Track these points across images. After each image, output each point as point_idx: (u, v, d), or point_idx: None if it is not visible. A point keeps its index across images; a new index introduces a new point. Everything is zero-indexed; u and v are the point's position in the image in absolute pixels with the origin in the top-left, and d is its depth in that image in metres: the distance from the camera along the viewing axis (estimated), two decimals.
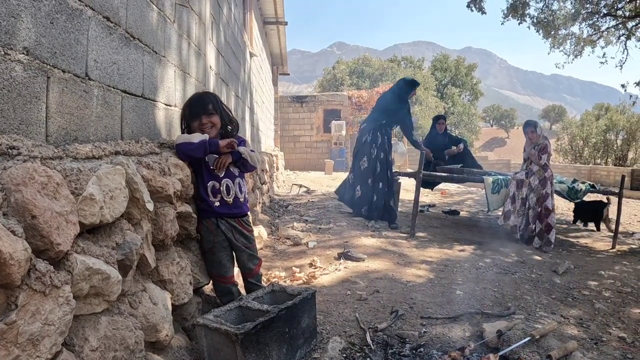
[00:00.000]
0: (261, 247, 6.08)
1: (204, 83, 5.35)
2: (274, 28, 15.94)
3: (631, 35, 18.11)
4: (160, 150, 3.23)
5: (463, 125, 44.13)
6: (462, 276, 5.03)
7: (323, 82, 45.43)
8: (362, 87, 36.46)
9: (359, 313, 3.81)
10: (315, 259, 5.38)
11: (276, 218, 8.65)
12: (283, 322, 2.83)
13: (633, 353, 3.26)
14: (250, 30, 10.87)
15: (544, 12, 18.06)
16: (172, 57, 4.13)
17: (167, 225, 2.79)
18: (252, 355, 2.57)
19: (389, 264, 5.33)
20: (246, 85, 9.60)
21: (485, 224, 8.68)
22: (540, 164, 7.06)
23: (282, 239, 6.61)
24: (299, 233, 6.89)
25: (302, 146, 25.16)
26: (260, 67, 13.03)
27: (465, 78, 48.41)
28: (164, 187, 2.73)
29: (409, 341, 3.34)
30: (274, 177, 13.07)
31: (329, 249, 5.93)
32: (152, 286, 2.60)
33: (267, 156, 11.36)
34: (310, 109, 25.07)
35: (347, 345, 3.24)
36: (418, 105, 37.36)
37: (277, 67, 20.71)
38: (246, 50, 9.79)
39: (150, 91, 3.57)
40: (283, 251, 6.04)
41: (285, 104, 24.74)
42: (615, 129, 33.47)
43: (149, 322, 2.40)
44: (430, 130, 10.07)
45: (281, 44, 17.72)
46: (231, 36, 7.58)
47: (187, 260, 3.19)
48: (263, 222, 7.61)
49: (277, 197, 11.79)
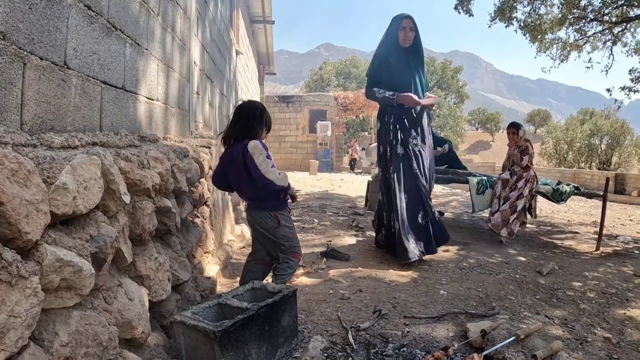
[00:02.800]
0: (243, 245, 6.01)
1: (187, 78, 5.29)
2: (261, 27, 15.89)
3: (617, 41, 18.22)
4: (140, 144, 3.17)
5: (449, 128, 44.26)
6: (446, 276, 4.99)
7: (310, 82, 45.48)
8: (349, 88, 36.48)
9: (341, 312, 3.76)
10: None
11: None
12: (263, 320, 2.77)
13: (618, 353, 3.24)
14: (237, 28, 10.82)
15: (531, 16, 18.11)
16: (155, 50, 4.06)
17: (145, 219, 2.72)
18: (231, 354, 2.51)
19: (373, 263, 5.29)
20: (231, 82, 9.54)
21: (470, 224, 8.66)
22: (522, 165, 7.05)
23: None
24: None
25: (287, 146, 25.14)
26: (246, 66, 12.98)
27: (451, 81, 48.61)
28: (142, 180, 2.66)
29: (392, 341, 3.29)
30: None
31: (312, 247, 5.88)
32: (128, 281, 2.53)
33: None
34: (296, 109, 25.06)
35: (328, 345, 3.18)
36: None
37: (264, 66, 20.67)
38: (232, 47, 9.73)
39: (132, 83, 3.50)
40: None
41: (272, 104, 24.70)
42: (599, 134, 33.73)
43: (124, 318, 2.33)
44: None
45: (268, 43, 17.68)
46: (217, 33, 7.51)
47: (166, 256, 3.12)
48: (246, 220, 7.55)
49: None
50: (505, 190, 7.11)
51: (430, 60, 49.54)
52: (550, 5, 17.72)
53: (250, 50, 14.60)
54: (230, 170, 3.80)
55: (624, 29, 18.00)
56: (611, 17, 17.38)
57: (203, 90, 6.26)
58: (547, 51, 19.12)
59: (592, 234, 8.34)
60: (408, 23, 5.78)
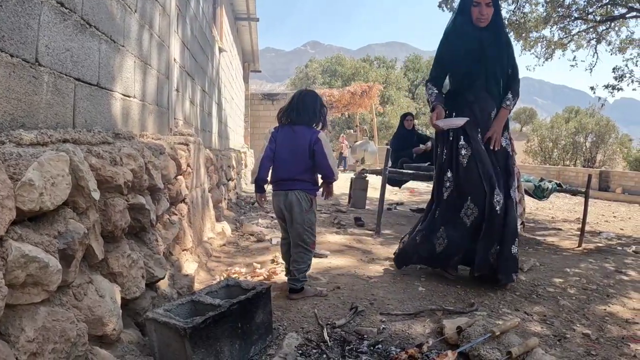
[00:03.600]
0: (224, 243, 6.01)
1: (167, 75, 5.27)
2: (245, 24, 15.83)
3: (601, 39, 18.32)
4: (114, 141, 3.16)
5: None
6: (425, 273, 5.00)
7: (295, 80, 45.46)
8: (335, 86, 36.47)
9: (318, 309, 3.76)
10: (277, 255, 5.32)
11: (242, 214, 8.58)
12: (235, 317, 2.77)
13: (597, 349, 3.26)
14: (221, 25, 10.79)
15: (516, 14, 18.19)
16: (132, 47, 4.05)
17: (117, 216, 2.72)
18: (202, 351, 2.50)
19: (353, 260, 5.30)
20: (214, 80, 9.51)
21: None
22: None
23: (245, 235, 6.55)
24: (263, 229, 6.84)
25: None
26: (230, 63, 12.94)
27: None
28: (113, 177, 2.65)
29: (367, 338, 3.30)
30: (242, 174, 12.99)
31: None
32: (99, 278, 2.52)
33: (235, 153, 11.29)
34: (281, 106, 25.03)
35: (303, 342, 3.18)
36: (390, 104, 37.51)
37: (249, 64, 20.59)
38: (215, 45, 9.70)
39: (107, 80, 3.49)
40: (246, 247, 5.98)
41: (257, 102, 24.61)
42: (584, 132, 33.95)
43: (94, 315, 2.32)
44: (398, 127, 10.07)
45: (253, 40, 17.61)
46: (199, 30, 7.50)
47: (140, 253, 3.11)
48: (228, 218, 7.54)
49: (245, 193, 11.72)
50: None
51: (415, 58, 49.70)
52: (535, 4, 17.80)
53: (234, 48, 14.54)
54: (284, 148, 4.12)
55: (608, 27, 18.11)
56: (595, 15, 17.49)
57: (183, 87, 6.23)
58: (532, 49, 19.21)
59: (575, 230, 8.40)
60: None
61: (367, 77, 39.66)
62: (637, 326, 3.78)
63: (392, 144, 9.93)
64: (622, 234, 9.28)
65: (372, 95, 25.48)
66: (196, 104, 7.30)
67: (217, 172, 7.48)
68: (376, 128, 29.10)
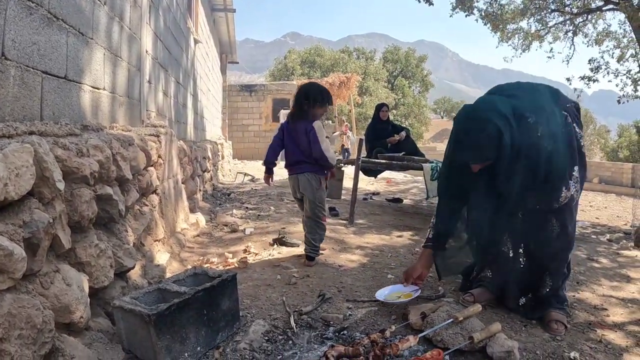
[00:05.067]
0: (198, 234, 6.05)
1: (138, 68, 5.30)
2: (222, 15, 15.81)
3: (578, 32, 18.51)
4: (81, 132, 3.20)
5: (413, 116, 44.54)
6: (397, 261, 5.08)
7: (274, 71, 45.31)
8: (313, 77, 36.43)
9: (286, 297, 3.83)
10: (250, 244, 5.40)
11: (217, 206, 8.61)
12: (201, 304, 2.82)
13: (562, 334, 3.33)
14: (196, 16, 10.77)
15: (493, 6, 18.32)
16: (101, 39, 4.08)
17: (83, 206, 2.77)
18: (167, 337, 2.56)
19: (324, 249, 5.36)
20: (189, 71, 9.52)
21: (428, 211, 8.79)
22: None
23: (220, 226, 6.60)
24: (237, 220, 6.89)
25: (250, 135, 25.07)
26: (206, 55, 12.92)
27: (416, 70, 48.82)
28: (79, 168, 2.70)
29: (333, 324, 3.37)
30: (219, 166, 13.00)
31: (265, 235, 5.94)
32: (66, 267, 2.58)
33: (211, 144, 11.29)
34: (259, 98, 24.99)
35: (270, 328, 3.25)
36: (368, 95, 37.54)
37: (226, 55, 20.53)
38: (190, 36, 9.70)
39: (75, 73, 3.53)
40: (220, 238, 6.03)
41: (234, 93, 24.58)
42: None
43: (61, 303, 2.38)
44: (373, 118, 10.12)
45: (230, 31, 17.56)
46: (172, 21, 7.50)
47: (108, 243, 3.17)
48: (203, 209, 7.58)
49: (222, 185, 11.75)
50: None
51: (394, 49, 49.74)
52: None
53: (211, 39, 14.51)
54: (290, 138, 4.80)
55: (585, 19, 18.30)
56: (572, 8, 17.66)
57: (156, 79, 6.25)
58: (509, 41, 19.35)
59: None
60: None
61: (346, 68, 39.62)
62: (605, 312, 3.86)
63: (367, 134, 9.99)
64: (598, 223, 9.45)
65: (350, 86, 25.53)
66: (170, 95, 7.32)
67: (191, 163, 7.50)
68: (354, 119, 29.15)
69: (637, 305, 4.09)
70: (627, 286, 4.60)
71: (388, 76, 46.06)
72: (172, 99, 7.45)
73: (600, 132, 38.91)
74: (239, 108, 24.70)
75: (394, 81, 46.75)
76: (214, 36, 15.71)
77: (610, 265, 5.31)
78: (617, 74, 18.15)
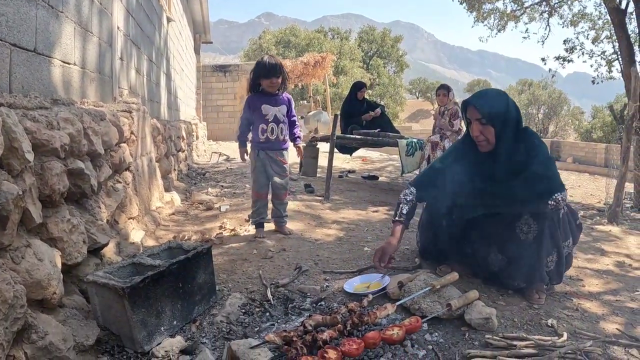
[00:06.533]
0: (173, 212, 6.01)
1: (109, 43, 5.21)
2: None
3: (553, 12, 18.54)
4: (52, 106, 3.13)
5: (388, 96, 44.57)
6: (373, 234, 5.10)
7: (249, 52, 45.01)
8: (288, 57, 36.25)
9: (262, 270, 3.82)
10: (225, 221, 5.37)
11: (192, 185, 8.56)
12: (175, 277, 2.79)
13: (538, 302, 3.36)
14: None
15: None
16: (71, 13, 3.99)
17: (54, 179, 2.71)
18: (142, 311, 2.53)
19: (300, 224, 5.35)
20: (162, 50, 9.40)
21: (404, 187, 8.79)
22: (454, 130, 7.21)
23: (195, 204, 6.55)
24: (212, 198, 6.84)
25: (225, 116, 24.84)
26: (179, 34, 12.77)
27: (391, 50, 48.82)
28: (49, 140, 2.65)
29: (310, 295, 3.38)
30: (194, 146, 12.91)
31: (241, 211, 5.91)
32: (37, 242, 2.53)
33: (185, 124, 11.20)
34: (233, 78, 24.75)
35: (247, 301, 3.24)
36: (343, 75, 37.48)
37: (200, 35, 20.30)
38: (163, 14, 9.57)
39: (45, 47, 3.46)
40: (195, 216, 5.99)
41: (208, 73, 24.32)
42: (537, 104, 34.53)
43: (32, 278, 2.33)
44: (349, 95, 10.10)
45: (203, 11, 17.34)
46: None
47: (81, 219, 3.12)
48: (178, 189, 7.52)
49: (196, 165, 11.68)
50: (435, 152, 7.27)
51: (370, 29, 49.66)
52: None
53: (184, 18, 14.32)
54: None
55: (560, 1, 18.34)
56: None
57: (128, 56, 6.16)
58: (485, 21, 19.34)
59: None
60: None
61: (321, 47, 39.47)
62: (581, 282, 3.94)
63: (341, 111, 9.98)
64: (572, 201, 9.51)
65: (325, 65, 25.39)
66: (143, 73, 7.22)
67: (165, 142, 7.43)
68: (329, 98, 29.09)
69: (611, 276, 4.17)
70: (602, 259, 4.69)
71: (363, 56, 46.01)
72: (144, 77, 7.35)
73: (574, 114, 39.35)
74: (213, 89, 24.45)
75: (369, 61, 46.72)
76: (187, 15, 15.51)
77: (584, 240, 5.36)
78: (591, 55, 18.23)
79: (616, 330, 3.07)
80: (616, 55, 16.19)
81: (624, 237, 5.71)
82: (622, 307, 3.46)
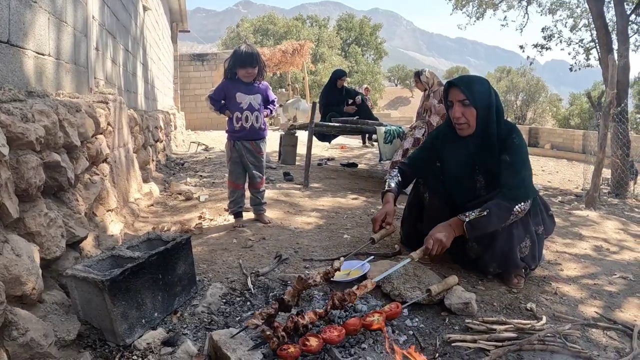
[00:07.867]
0: (152, 203, 5.98)
1: (84, 33, 5.16)
2: None
3: (532, 0, 18.65)
4: (26, 98, 3.10)
5: (367, 83, 44.61)
6: (352, 222, 5.11)
7: (227, 40, 44.81)
8: (266, 45, 36.13)
9: (242, 260, 3.82)
10: (205, 211, 5.36)
11: (171, 176, 8.52)
12: (155, 269, 2.78)
13: (517, 287, 3.40)
14: None
15: None
16: (44, 3, 3.94)
17: (30, 172, 2.69)
18: (123, 304, 2.52)
19: (279, 213, 5.36)
20: (138, 39, 9.31)
21: (382, 174, 8.83)
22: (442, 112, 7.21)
23: (174, 195, 6.53)
24: (191, 188, 6.82)
25: (203, 105, 24.56)
26: (156, 23, 12.65)
27: (370, 38, 48.84)
28: (24, 133, 2.62)
29: (291, 284, 3.38)
30: (172, 136, 12.84)
31: (220, 201, 5.89)
32: (15, 237, 2.50)
33: (163, 114, 11.13)
34: (211, 67, 24.60)
35: (227, 291, 3.24)
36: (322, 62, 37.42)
37: (177, 24, 20.16)
38: (139, 3, 9.48)
39: (18, 37, 3.41)
40: (174, 206, 5.97)
41: (186, 63, 24.15)
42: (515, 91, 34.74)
43: (11, 274, 2.31)
44: (328, 83, 10.09)
45: None
46: None
47: (58, 212, 3.09)
48: (157, 179, 7.48)
49: (175, 155, 11.62)
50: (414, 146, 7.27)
51: (348, 17, 49.63)
52: None
53: (160, 7, 14.18)
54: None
55: None
56: None
57: (104, 46, 6.10)
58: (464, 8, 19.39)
59: None
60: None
61: (299, 35, 39.41)
62: (559, 267, 4.00)
63: (320, 99, 9.97)
64: (550, 186, 9.63)
65: (303, 53, 25.35)
66: (119, 63, 7.16)
67: (142, 132, 7.38)
68: (308, 86, 29.04)
69: (589, 260, 4.23)
70: (580, 243, 4.75)
71: (342, 44, 45.99)
72: (121, 67, 7.29)
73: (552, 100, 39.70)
74: (191, 78, 24.29)
75: (347, 49, 46.70)
76: (164, 4, 15.36)
77: (562, 224, 5.44)
78: (569, 43, 18.37)
79: (594, 313, 3.12)
80: (594, 43, 16.33)
81: (602, 222, 5.78)
82: (600, 291, 3.52)
